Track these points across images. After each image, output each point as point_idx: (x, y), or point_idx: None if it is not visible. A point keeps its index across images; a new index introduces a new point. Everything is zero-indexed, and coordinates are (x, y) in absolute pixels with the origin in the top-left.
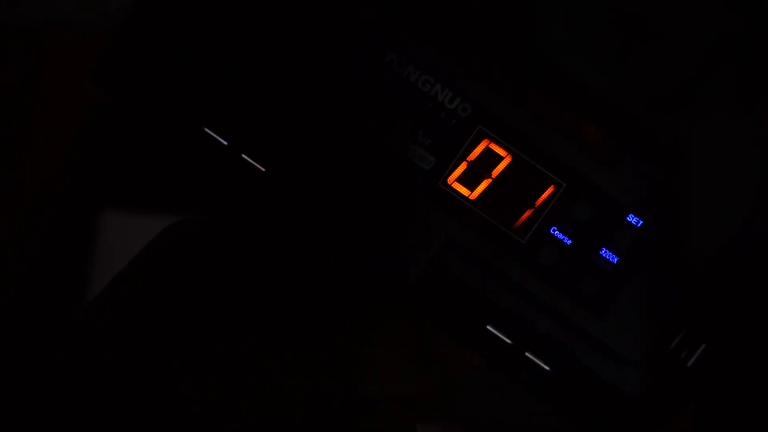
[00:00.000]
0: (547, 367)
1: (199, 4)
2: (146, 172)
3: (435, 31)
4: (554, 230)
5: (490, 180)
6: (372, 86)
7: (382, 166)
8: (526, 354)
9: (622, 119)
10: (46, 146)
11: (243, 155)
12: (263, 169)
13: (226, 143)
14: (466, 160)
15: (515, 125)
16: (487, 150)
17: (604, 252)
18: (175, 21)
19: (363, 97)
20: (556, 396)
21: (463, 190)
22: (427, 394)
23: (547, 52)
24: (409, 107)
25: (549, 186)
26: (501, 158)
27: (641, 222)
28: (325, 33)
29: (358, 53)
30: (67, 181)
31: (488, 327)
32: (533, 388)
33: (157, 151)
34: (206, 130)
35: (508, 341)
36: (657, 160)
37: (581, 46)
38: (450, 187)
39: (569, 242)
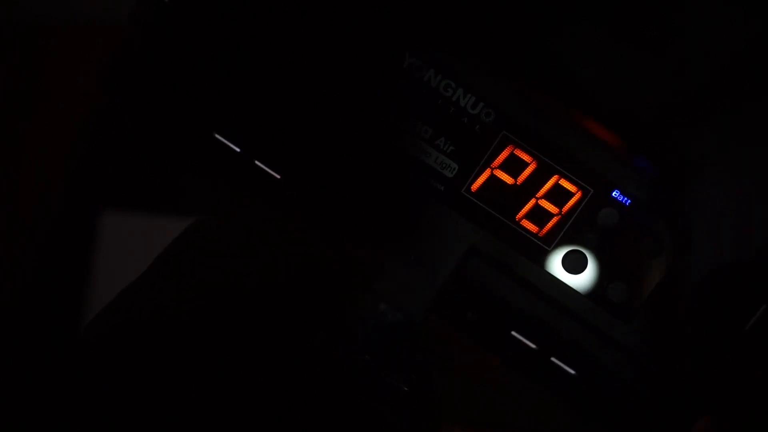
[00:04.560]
0: (572, 372)
1: (208, 9)
2: (146, 172)
3: (454, 34)
4: (581, 237)
5: (515, 187)
6: (391, 91)
7: (398, 173)
8: (552, 359)
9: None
10: (46, 146)
11: (256, 162)
12: (278, 176)
13: (238, 150)
14: (490, 167)
15: (540, 130)
16: (512, 156)
17: (631, 258)
18: (182, 26)
19: (381, 103)
20: (580, 399)
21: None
22: None
23: (563, 63)
24: (431, 113)
25: (576, 192)
26: (526, 164)
27: (666, 226)
28: (340, 37)
29: (375, 57)
30: (67, 181)
31: (513, 333)
32: (557, 393)
33: (157, 152)
34: (217, 136)
35: (533, 346)
36: (672, 167)
37: (592, 55)
38: (474, 194)
39: (597, 249)
